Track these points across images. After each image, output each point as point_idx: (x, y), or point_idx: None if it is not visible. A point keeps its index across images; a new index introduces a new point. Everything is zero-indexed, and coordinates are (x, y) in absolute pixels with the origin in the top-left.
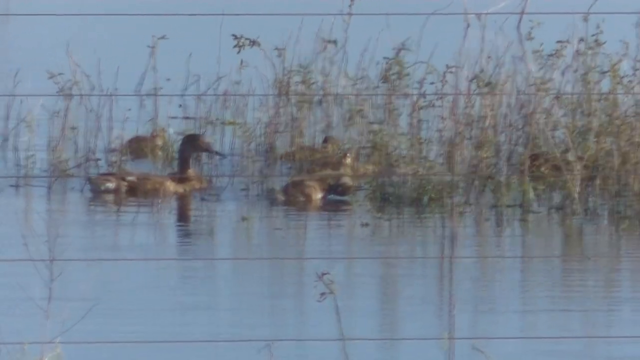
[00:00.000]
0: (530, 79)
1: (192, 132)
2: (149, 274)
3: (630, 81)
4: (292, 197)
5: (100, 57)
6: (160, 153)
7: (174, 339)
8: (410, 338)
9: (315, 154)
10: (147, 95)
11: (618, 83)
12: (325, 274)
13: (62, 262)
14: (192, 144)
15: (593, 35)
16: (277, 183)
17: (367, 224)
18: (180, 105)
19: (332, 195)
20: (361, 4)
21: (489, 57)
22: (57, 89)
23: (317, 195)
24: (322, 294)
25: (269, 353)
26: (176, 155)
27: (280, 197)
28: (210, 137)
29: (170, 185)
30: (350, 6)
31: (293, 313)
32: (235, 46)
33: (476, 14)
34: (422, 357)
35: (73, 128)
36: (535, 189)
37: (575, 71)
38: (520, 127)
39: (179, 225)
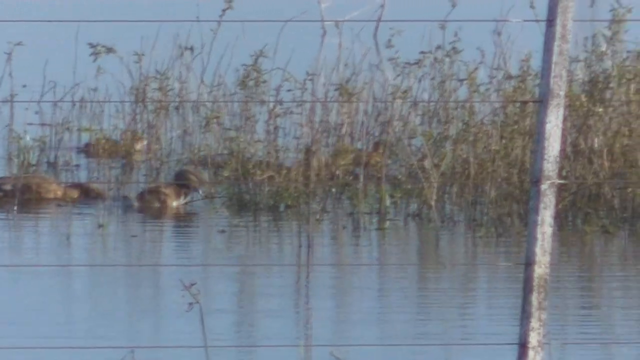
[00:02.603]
0: (387, 87)
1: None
2: (5, 280)
3: (487, 89)
4: (148, 204)
5: None
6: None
7: (32, 345)
8: (268, 345)
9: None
10: (3, 102)
11: (475, 91)
12: (193, 284)
13: None
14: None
15: (450, 43)
16: (134, 190)
17: (223, 231)
18: (37, 112)
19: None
20: (218, 10)
21: (346, 64)
22: None
23: (173, 202)
24: (190, 304)
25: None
26: (32, 161)
27: (136, 204)
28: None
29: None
30: (221, 16)
31: (152, 321)
32: (91, 54)
33: (333, 21)
34: None
35: None
36: (392, 196)
37: (433, 79)
38: (377, 134)
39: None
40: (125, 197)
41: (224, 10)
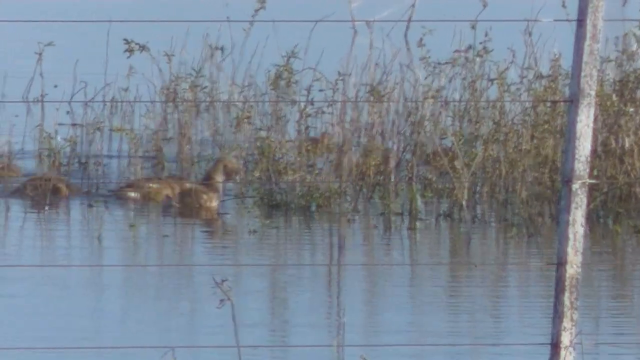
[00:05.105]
0: (418, 87)
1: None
2: (32, 281)
3: (517, 89)
4: (184, 204)
5: None
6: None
7: (65, 345)
8: (300, 346)
9: None
10: (34, 101)
11: (505, 91)
12: (225, 280)
13: None
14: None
15: (481, 42)
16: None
17: (255, 231)
18: (68, 112)
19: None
20: (248, 10)
21: (376, 64)
22: None
23: (211, 202)
24: (221, 300)
25: None
26: (63, 161)
27: (177, 204)
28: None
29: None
30: (253, 15)
31: (186, 321)
32: (125, 51)
33: (364, 21)
34: None
35: None
36: (423, 196)
37: (464, 79)
38: (408, 134)
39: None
40: (168, 197)
41: (256, 10)
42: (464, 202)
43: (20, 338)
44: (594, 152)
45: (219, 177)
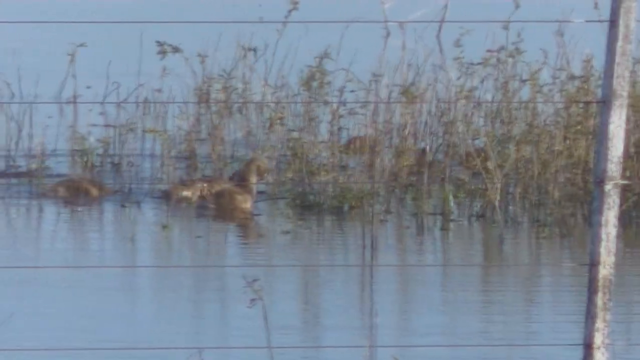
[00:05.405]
0: (451, 87)
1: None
2: (67, 281)
3: (550, 90)
4: (218, 205)
5: (19, 64)
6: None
7: (94, 346)
8: (332, 346)
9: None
10: (67, 102)
11: (538, 92)
12: (255, 280)
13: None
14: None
15: (513, 43)
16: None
17: (287, 232)
18: (102, 113)
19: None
20: (280, 11)
21: (409, 65)
22: None
23: (246, 203)
24: (252, 299)
25: None
26: (96, 162)
27: (212, 205)
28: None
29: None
30: (286, 17)
31: (217, 321)
32: (158, 52)
33: (396, 22)
34: None
35: None
36: (456, 197)
37: (496, 79)
38: (440, 135)
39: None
40: (203, 198)
41: (289, 11)
42: (496, 203)
43: (51, 339)
44: (626, 153)
45: (253, 178)
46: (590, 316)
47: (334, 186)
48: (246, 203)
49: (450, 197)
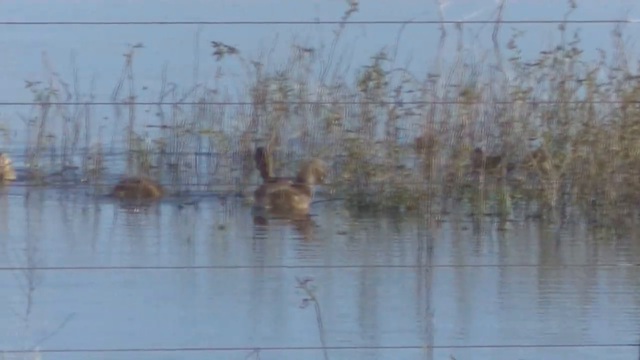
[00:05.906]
0: (507, 88)
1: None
2: (127, 282)
3: (606, 90)
4: (275, 206)
5: (76, 65)
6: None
7: (154, 347)
8: (388, 347)
9: None
10: (124, 103)
11: (594, 92)
12: (308, 280)
13: (43, 270)
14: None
15: (570, 43)
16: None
17: (344, 233)
18: (158, 114)
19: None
20: (336, 11)
21: (465, 65)
22: (35, 97)
23: (303, 204)
24: (305, 300)
25: None
26: (152, 163)
27: (268, 206)
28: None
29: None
30: (344, 17)
31: (273, 321)
32: (214, 53)
33: (452, 22)
34: None
35: (50, 136)
36: (512, 197)
37: (552, 80)
38: (497, 135)
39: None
40: (259, 198)
41: (347, 12)
42: (553, 204)
43: (107, 341)
44: None
45: (310, 179)
46: None
47: (390, 186)
48: (303, 204)
49: (507, 198)
